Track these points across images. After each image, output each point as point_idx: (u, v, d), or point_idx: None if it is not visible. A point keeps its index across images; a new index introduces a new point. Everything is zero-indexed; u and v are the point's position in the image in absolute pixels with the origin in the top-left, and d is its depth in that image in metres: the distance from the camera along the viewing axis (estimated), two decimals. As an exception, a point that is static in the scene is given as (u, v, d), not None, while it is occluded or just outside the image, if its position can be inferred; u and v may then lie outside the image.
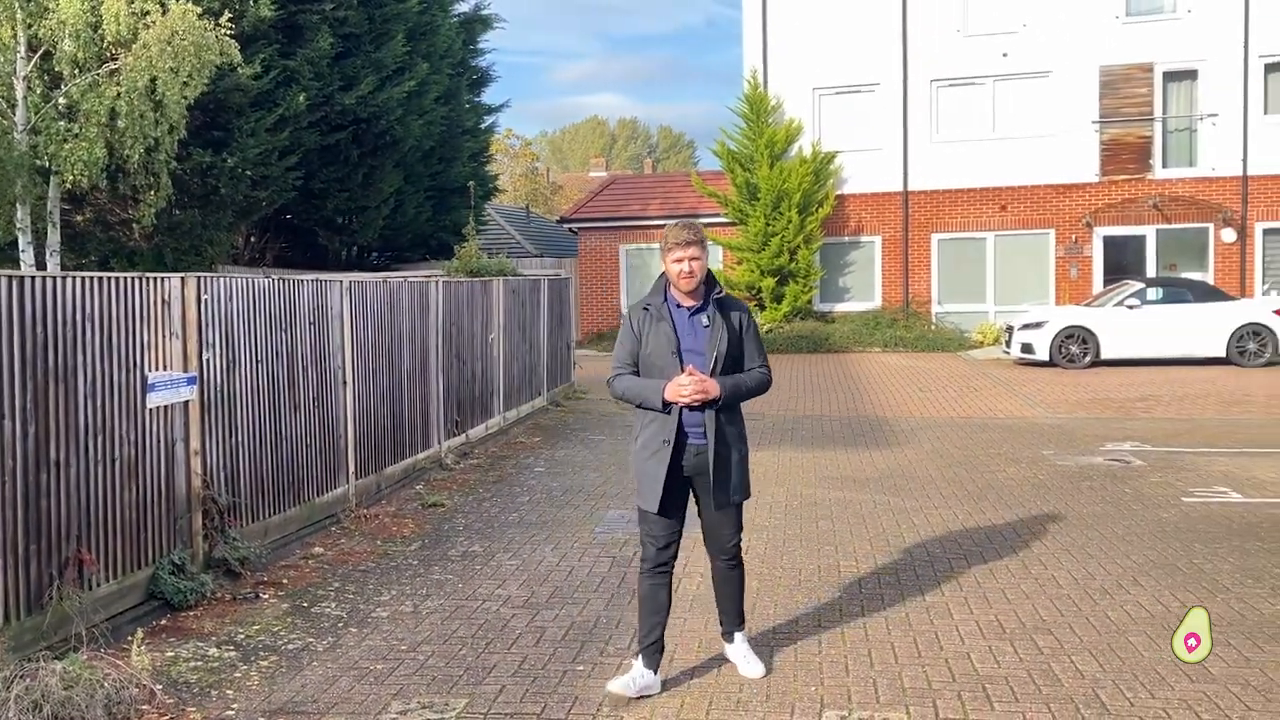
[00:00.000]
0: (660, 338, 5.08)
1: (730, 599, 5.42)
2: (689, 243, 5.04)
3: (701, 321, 5.13)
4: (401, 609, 6.50)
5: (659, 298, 5.17)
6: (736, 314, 5.21)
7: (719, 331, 5.10)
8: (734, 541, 5.30)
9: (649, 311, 5.16)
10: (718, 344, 5.07)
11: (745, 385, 5.14)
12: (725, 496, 5.15)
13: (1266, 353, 19.83)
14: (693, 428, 5.06)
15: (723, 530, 5.26)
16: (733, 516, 5.26)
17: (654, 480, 5.06)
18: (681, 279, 5.08)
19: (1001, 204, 25.32)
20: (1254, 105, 23.97)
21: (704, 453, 5.06)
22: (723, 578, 5.41)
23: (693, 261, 5.05)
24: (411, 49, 22.50)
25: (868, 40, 25.68)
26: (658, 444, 5.07)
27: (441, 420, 11.08)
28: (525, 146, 64.30)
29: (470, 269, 14.56)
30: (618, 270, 28.02)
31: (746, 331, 5.21)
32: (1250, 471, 10.34)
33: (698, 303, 5.15)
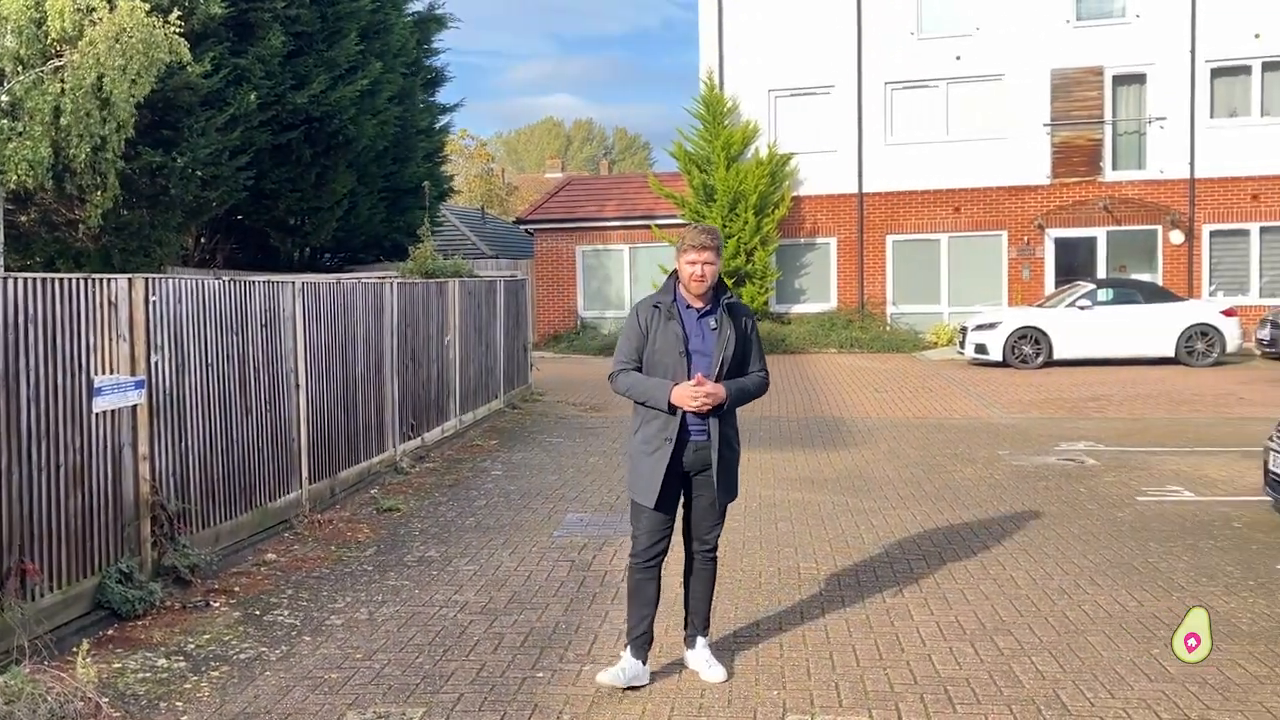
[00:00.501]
0: (669, 336, 5.15)
1: (700, 598, 5.43)
2: (705, 247, 5.12)
3: (710, 324, 5.19)
4: (357, 616, 6.39)
5: (669, 297, 5.23)
6: (743, 318, 5.30)
7: (726, 334, 5.17)
8: (715, 536, 5.38)
9: (659, 310, 5.22)
10: (725, 347, 5.15)
11: (748, 389, 5.24)
12: (724, 495, 5.27)
13: (1214, 352, 20.14)
14: (694, 425, 5.15)
15: (706, 522, 5.34)
16: (720, 514, 5.36)
17: (653, 476, 5.14)
18: (693, 281, 5.15)
19: (955, 206, 25.53)
20: (1200, 109, 24.35)
21: (705, 449, 5.16)
22: (697, 571, 5.42)
23: (706, 266, 5.13)
24: (365, 48, 22.26)
25: (823, 42, 25.79)
26: (660, 441, 5.15)
27: (397, 423, 10.94)
28: (480, 147, 63.93)
29: (425, 270, 14.41)
30: (574, 271, 27.92)
31: (751, 335, 5.29)
32: (1201, 470, 10.47)
33: (707, 305, 5.23)
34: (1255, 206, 24.30)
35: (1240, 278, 24.58)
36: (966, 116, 25.41)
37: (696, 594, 5.44)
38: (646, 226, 26.85)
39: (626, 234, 27.39)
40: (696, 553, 5.41)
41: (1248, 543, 7.76)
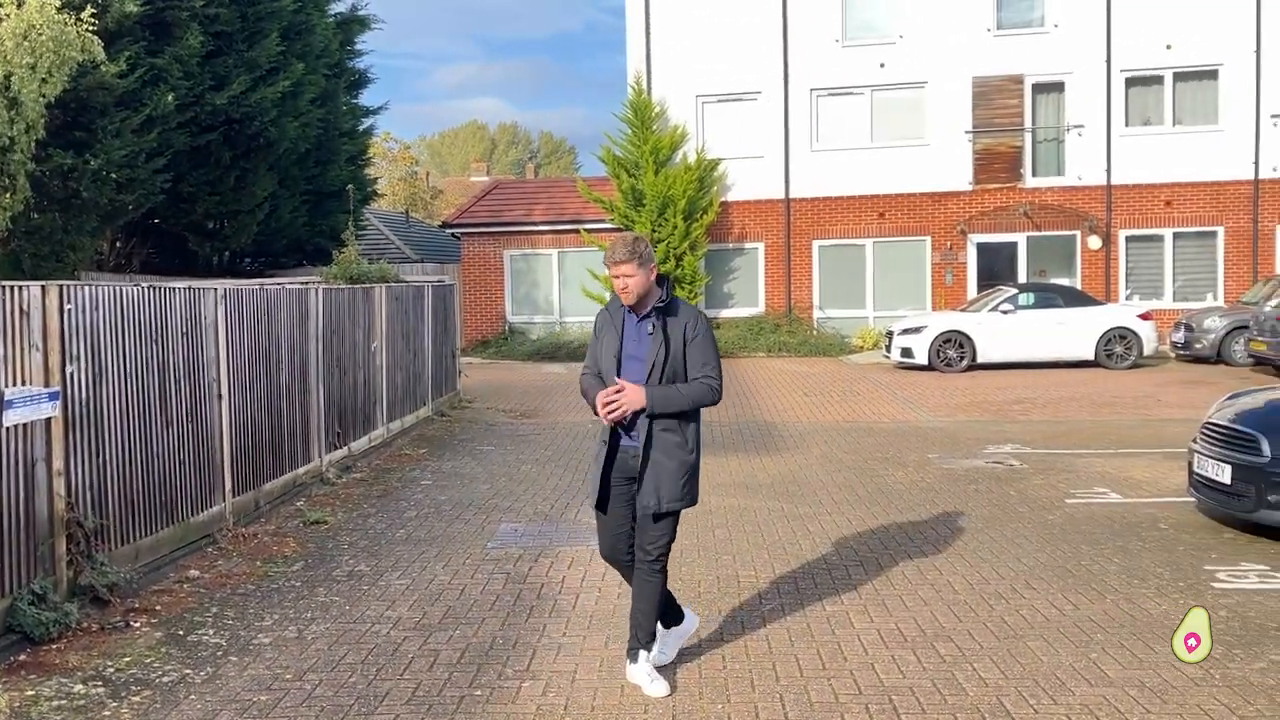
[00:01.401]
0: (609, 341, 5.27)
1: (639, 611, 5.28)
2: (620, 260, 5.11)
3: (646, 329, 5.20)
4: (285, 634, 6.17)
5: (617, 303, 5.30)
6: (685, 322, 5.22)
7: (659, 340, 5.15)
8: (656, 548, 5.23)
9: (608, 313, 5.35)
10: (656, 352, 5.14)
11: (681, 394, 5.13)
12: (648, 501, 5.16)
13: (1132, 355, 20.61)
14: (627, 433, 5.21)
15: (647, 533, 5.24)
16: (657, 526, 5.22)
17: (594, 478, 5.32)
18: (621, 294, 5.19)
19: (880, 211, 25.81)
20: (1116, 117, 24.94)
21: (637, 457, 5.17)
22: (637, 581, 5.33)
23: (627, 279, 5.12)
24: (286, 48, 21.79)
25: (750, 49, 25.91)
26: (600, 444, 5.33)
27: (322, 433, 10.67)
28: (404, 150, 63.20)
29: (350, 275, 14.11)
30: (502, 276, 27.68)
31: (692, 341, 5.18)
32: (1126, 472, 10.65)
33: (646, 310, 5.23)
34: (1168, 213, 24.94)
35: (1155, 282, 25.22)
36: (891, 123, 25.72)
37: (636, 606, 5.31)
38: (575, 231, 26.72)
39: (555, 238, 27.23)
40: (637, 564, 5.32)
41: (1175, 544, 7.89)
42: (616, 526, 5.31)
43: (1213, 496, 8.20)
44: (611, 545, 5.38)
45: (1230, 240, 24.81)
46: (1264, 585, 6.85)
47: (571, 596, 6.83)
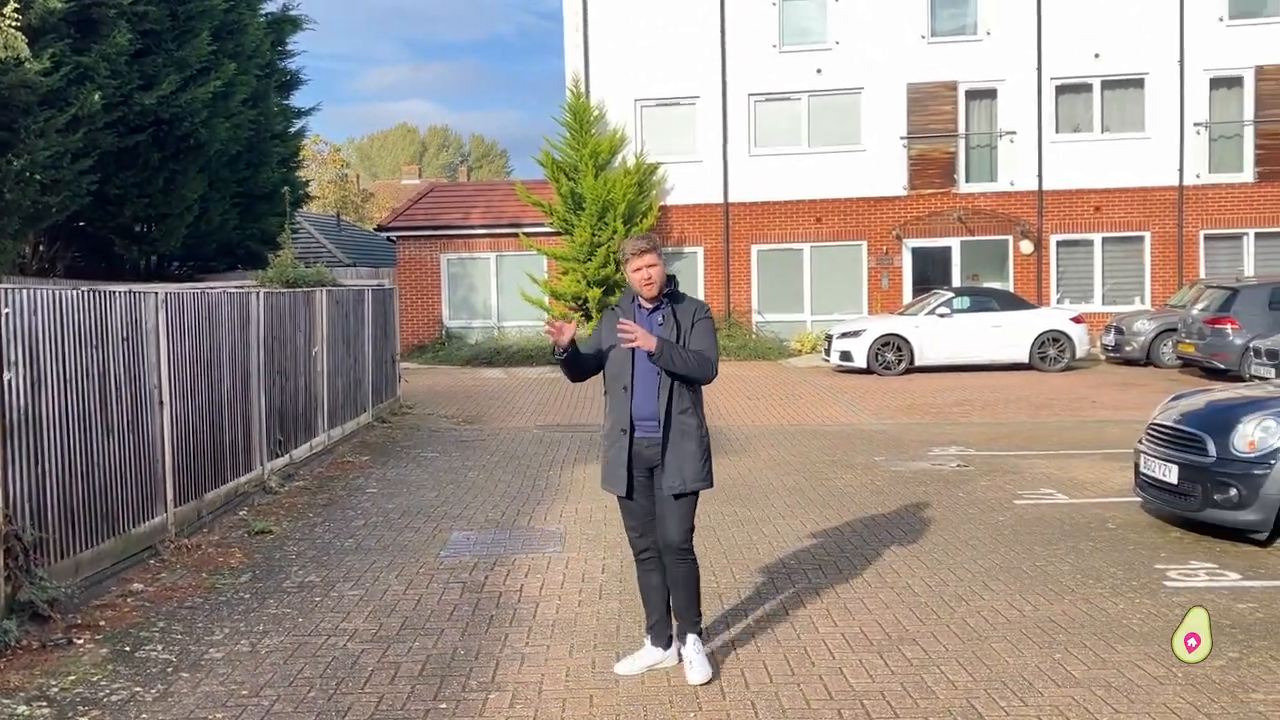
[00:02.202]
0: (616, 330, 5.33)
1: (677, 595, 5.44)
2: (644, 251, 5.35)
3: (658, 319, 5.43)
4: (238, 649, 5.98)
5: (628, 300, 5.55)
6: (690, 309, 5.50)
7: (670, 325, 5.41)
8: (680, 533, 5.36)
9: (616, 311, 5.55)
10: (668, 335, 5.36)
11: (683, 355, 5.28)
12: (673, 481, 5.32)
13: (1065, 358, 20.99)
14: (643, 421, 5.36)
15: (668, 520, 5.36)
16: (679, 508, 5.36)
17: (617, 466, 5.40)
18: (644, 286, 5.38)
19: (817, 216, 26.00)
20: (1047, 124, 25.42)
21: (655, 446, 5.33)
22: (672, 573, 5.45)
23: (650, 268, 5.36)
24: (217, 48, 21.30)
25: (688, 54, 25.96)
26: (615, 434, 5.41)
27: (264, 440, 10.41)
28: (334, 152, 62.34)
29: (287, 279, 13.78)
30: (439, 280, 27.36)
31: (696, 324, 5.45)
32: (1069, 472, 10.80)
33: (657, 303, 5.48)
34: (1098, 218, 25.48)
35: (1085, 286, 25.74)
36: (828, 129, 25.93)
37: (676, 595, 5.47)
38: (514, 234, 26.53)
39: (493, 242, 27.00)
40: (665, 556, 5.43)
41: (1124, 543, 8.00)
42: (641, 513, 5.47)
43: (1160, 496, 8.33)
44: (639, 536, 5.52)
45: (1156, 245, 25.41)
46: (1214, 583, 6.96)
47: (531, 605, 6.72)
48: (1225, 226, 25.25)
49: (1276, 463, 7.48)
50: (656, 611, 5.53)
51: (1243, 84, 25.07)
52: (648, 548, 5.50)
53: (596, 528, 8.74)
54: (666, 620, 5.54)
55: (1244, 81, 25.04)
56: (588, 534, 8.53)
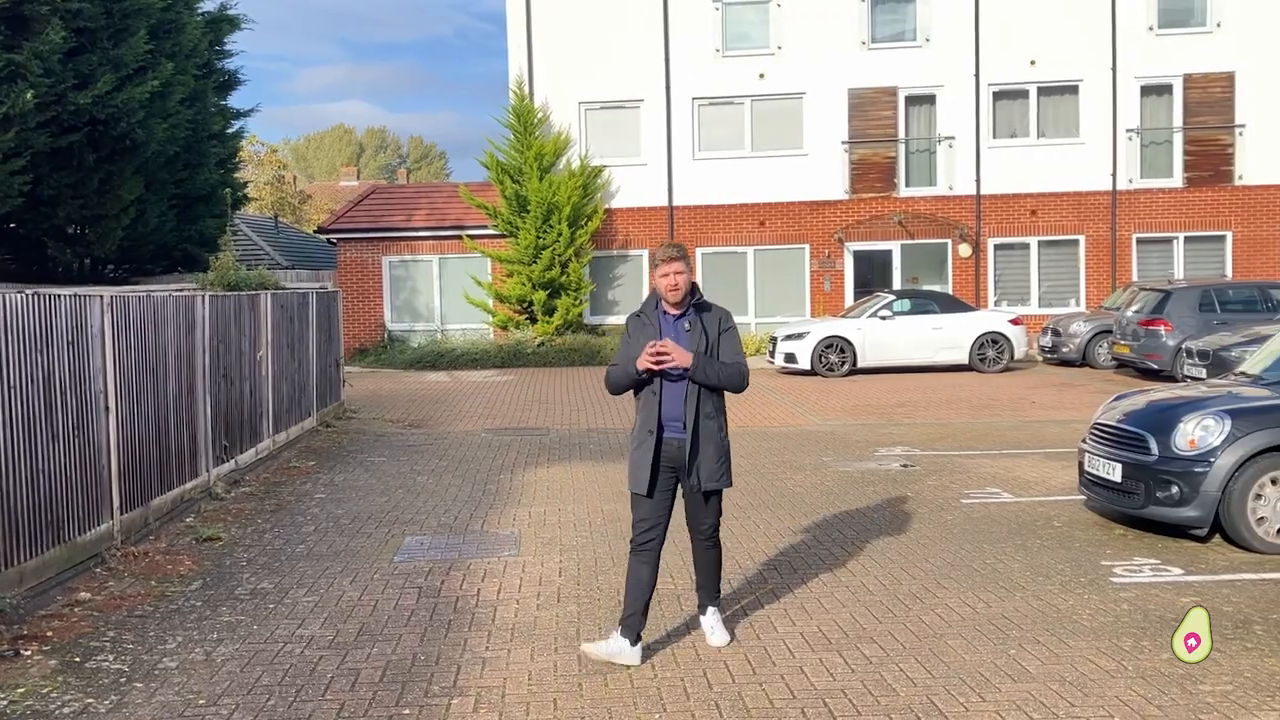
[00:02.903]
0: (646, 339, 5.64)
1: (706, 575, 5.98)
2: (674, 259, 5.62)
3: (684, 326, 5.71)
4: (192, 657, 5.88)
5: (650, 305, 5.82)
6: (715, 317, 5.78)
7: (698, 333, 5.69)
8: (710, 524, 5.87)
9: (641, 318, 5.82)
10: (697, 344, 5.64)
11: (718, 368, 5.63)
12: (707, 483, 5.70)
13: (1004, 359, 21.36)
14: (672, 422, 5.66)
15: (699, 513, 5.85)
16: (711, 504, 5.83)
17: (642, 466, 5.67)
18: (670, 291, 5.66)
19: (760, 220, 26.19)
20: (985, 129, 25.86)
21: (683, 446, 5.64)
22: (700, 556, 5.97)
23: (677, 275, 5.63)
24: (155, 47, 20.87)
25: (632, 57, 26.01)
26: (644, 435, 5.69)
27: (210, 446, 10.24)
28: (271, 153, 61.47)
29: (228, 282, 13.58)
30: (381, 283, 27.10)
31: (724, 333, 5.75)
32: (1014, 471, 11.00)
33: (682, 310, 5.74)
34: (1034, 221, 25.97)
35: (1022, 288, 26.22)
36: (771, 133, 26.14)
37: (702, 573, 5.99)
38: (457, 237, 26.37)
39: (436, 244, 26.81)
40: (695, 541, 5.95)
41: (1070, 540, 8.16)
42: (656, 513, 5.71)
43: (1104, 494, 8.51)
44: (651, 531, 5.73)
45: (1091, 248, 25.96)
46: (1158, 578, 7.14)
47: (489, 609, 6.69)
48: (1156, 230, 25.88)
49: (1216, 460, 7.68)
50: (635, 606, 5.64)
51: (1172, 91, 25.73)
52: (647, 542, 5.69)
53: (551, 531, 8.73)
54: (641, 618, 5.67)
55: (1173, 89, 25.70)
56: (543, 537, 8.51)
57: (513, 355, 24.55)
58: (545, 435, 14.21)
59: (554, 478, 11.12)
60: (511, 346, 24.75)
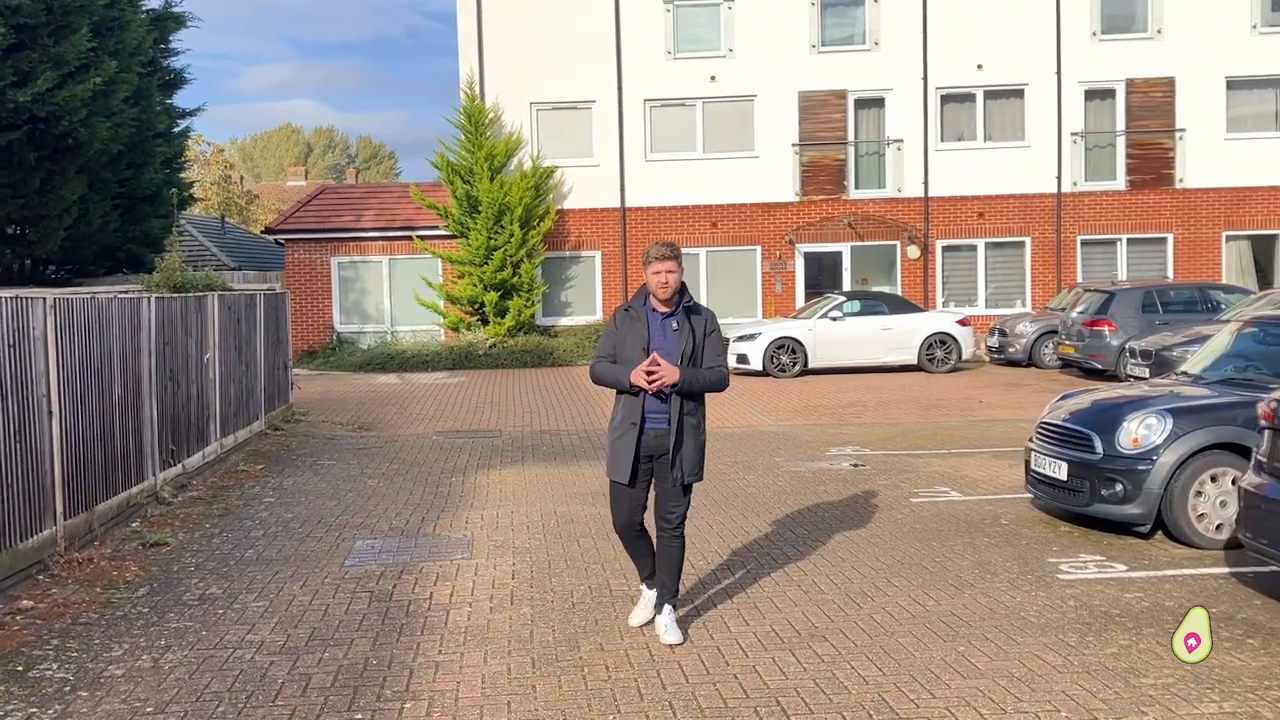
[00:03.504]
0: (635, 336, 5.91)
1: (667, 569, 6.04)
2: (666, 257, 5.86)
3: (672, 325, 5.92)
4: (139, 664, 5.80)
5: (639, 302, 6.02)
6: (703, 320, 6.01)
7: (685, 334, 5.90)
8: (678, 515, 6.00)
9: (629, 313, 6.01)
10: (683, 345, 5.88)
11: (703, 378, 5.91)
12: (678, 474, 5.91)
13: (952, 359, 21.62)
14: (653, 414, 5.89)
15: (669, 503, 6.00)
16: (683, 497, 6.02)
17: (624, 455, 5.91)
18: (660, 288, 5.87)
19: (712, 221, 26.29)
20: (933, 132, 26.17)
21: (664, 436, 5.88)
22: (662, 548, 6.06)
23: (669, 274, 5.86)
24: (98, 45, 20.52)
25: (583, 58, 26.01)
26: (626, 426, 5.92)
27: (156, 450, 10.09)
28: (217, 153, 60.67)
29: (174, 283, 13.39)
30: (329, 284, 26.84)
31: (709, 336, 5.99)
32: (961, 471, 11.14)
33: (670, 309, 5.95)
34: (981, 224, 26.32)
35: (969, 289, 26.55)
36: (722, 135, 26.27)
37: (663, 567, 6.04)
38: (408, 237, 26.20)
39: (386, 245, 26.62)
40: (662, 530, 6.01)
41: (1017, 538, 8.28)
42: (635, 500, 5.99)
43: (1050, 492, 8.65)
44: (629, 517, 6.03)
45: (1037, 250, 26.35)
46: (1103, 574, 7.26)
47: (442, 613, 6.66)
48: (1100, 232, 26.33)
49: (1158, 459, 7.84)
50: (649, 565, 6.14)
51: (1115, 96, 26.20)
52: (631, 524, 6.05)
53: (504, 533, 8.70)
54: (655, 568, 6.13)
55: (1116, 94, 26.17)
56: (495, 540, 8.49)
57: (464, 357, 24.43)
58: (497, 437, 14.17)
59: (506, 480, 11.09)
60: (463, 348, 24.63)
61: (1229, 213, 26.17)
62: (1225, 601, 6.61)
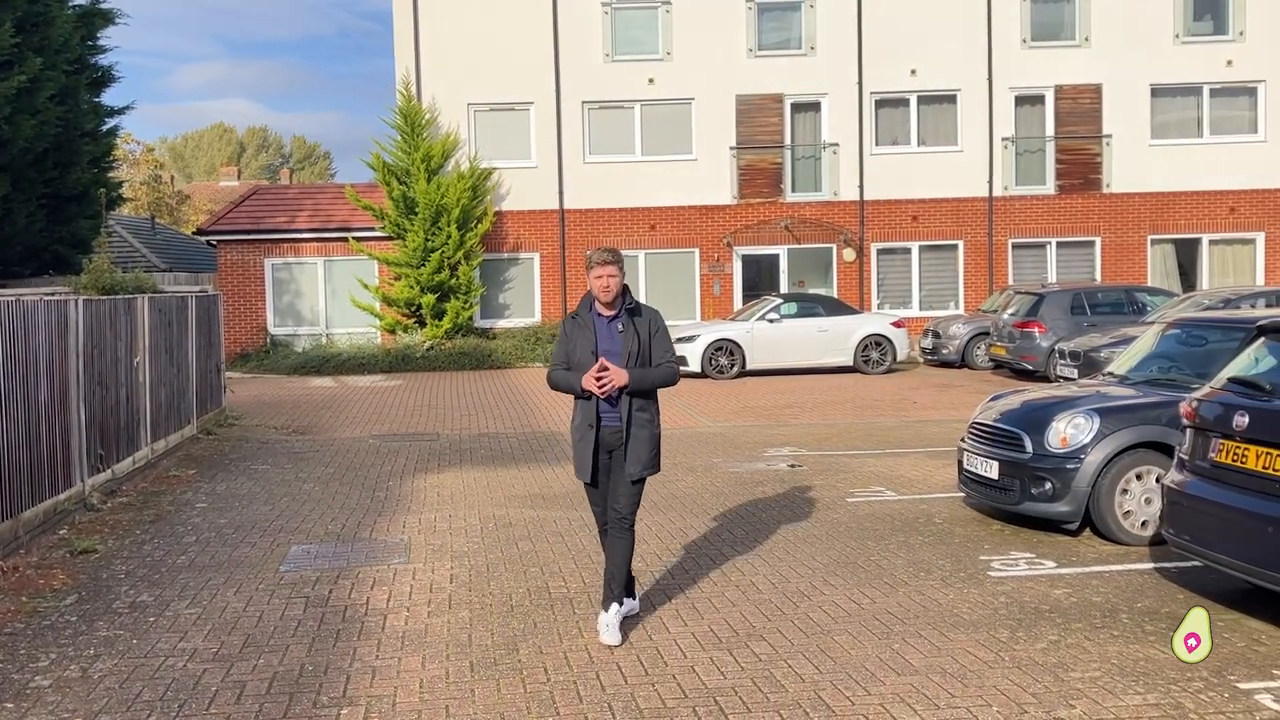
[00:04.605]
0: (583, 341, 6.14)
1: (615, 563, 6.14)
2: (607, 263, 6.08)
3: (618, 327, 6.16)
4: (67, 674, 5.68)
5: (584, 308, 6.23)
6: (646, 320, 6.24)
7: (630, 335, 6.13)
8: (625, 507, 6.16)
9: (576, 320, 6.24)
10: (629, 345, 6.10)
11: (652, 375, 6.17)
12: (633, 469, 6.13)
13: (887, 360, 21.91)
14: (607, 413, 6.14)
15: (618, 494, 6.18)
16: (633, 490, 6.18)
17: (584, 457, 6.19)
18: (602, 292, 6.09)
19: (651, 223, 26.37)
20: (868, 137, 26.50)
21: (618, 433, 6.13)
22: (611, 540, 6.20)
23: (610, 278, 6.08)
24: (22, 41, 20.05)
25: (521, 59, 25.95)
26: (584, 429, 6.17)
27: (84, 455, 9.88)
28: (147, 152, 59.46)
29: (102, 285, 13.13)
30: (263, 286, 26.48)
31: (655, 335, 6.23)
32: (897, 470, 11.30)
33: (614, 312, 6.18)
34: (915, 227, 26.70)
35: (903, 292, 26.93)
36: (661, 137, 26.37)
37: (611, 561, 6.16)
38: (343, 239, 25.94)
39: (321, 246, 26.32)
40: (610, 523, 6.20)
41: (950, 537, 8.43)
42: (602, 498, 6.25)
43: (981, 491, 8.81)
44: (600, 516, 6.30)
45: (969, 253, 26.80)
46: (1033, 571, 7.42)
47: (379, 618, 6.61)
48: (1030, 235, 26.85)
49: (1086, 457, 8.02)
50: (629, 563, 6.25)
51: (1044, 102, 26.74)
52: (599, 520, 6.32)
53: (442, 537, 8.66)
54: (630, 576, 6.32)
55: (1045, 100, 26.71)
56: (433, 544, 8.44)
57: (401, 359, 24.23)
58: (435, 441, 14.08)
59: (444, 484, 11.03)
60: (400, 350, 24.43)
61: (1153, 217, 26.84)
62: (1149, 596, 6.79)
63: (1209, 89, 26.72)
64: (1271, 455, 5.78)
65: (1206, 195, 26.75)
